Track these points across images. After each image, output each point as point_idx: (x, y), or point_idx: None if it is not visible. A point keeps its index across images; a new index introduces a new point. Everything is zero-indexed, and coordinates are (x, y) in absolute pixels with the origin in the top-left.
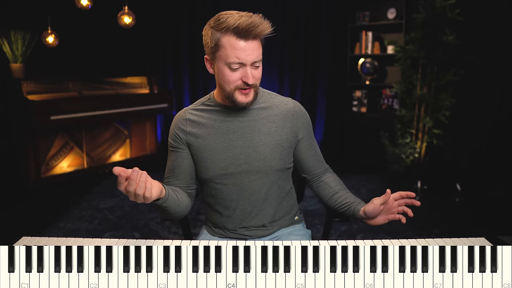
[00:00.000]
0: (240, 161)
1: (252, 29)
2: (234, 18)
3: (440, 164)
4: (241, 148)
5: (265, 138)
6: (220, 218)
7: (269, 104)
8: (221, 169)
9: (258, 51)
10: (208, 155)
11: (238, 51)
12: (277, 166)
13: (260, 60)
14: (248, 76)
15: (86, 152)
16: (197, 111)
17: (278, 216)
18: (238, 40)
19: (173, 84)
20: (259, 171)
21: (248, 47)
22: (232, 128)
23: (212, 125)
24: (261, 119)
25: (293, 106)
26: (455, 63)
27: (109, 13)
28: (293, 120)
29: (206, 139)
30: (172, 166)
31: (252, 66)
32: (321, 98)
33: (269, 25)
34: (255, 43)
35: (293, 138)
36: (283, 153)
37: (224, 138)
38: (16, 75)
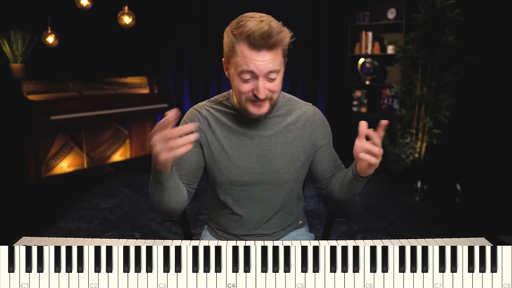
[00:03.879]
0: (255, 170)
1: (267, 39)
2: (251, 24)
3: (440, 164)
4: (257, 157)
5: (281, 149)
6: (226, 223)
7: (287, 111)
8: (235, 176)
9: (274, 62)
10: (223, 160)
11: (249, 61)
12: (291, 178)
13: (277, 71)
14: (259, 90)
15: (86, 152)
16: (214, 110)
17: (287, 224)
18: (250, 50)
19: (173, 84)
20: (273, 183)
21: (262, 58)
22: (249, 135)
23: (229, 128)
24: (278, 128)
25: (313, 114)
26: (455, 63)
27: (109, 13)
28: (311, 130)
29: (222, 142)
30: (178, 159)
31: (266, 78)
32: (321, 98)
33: (287, 34)
34: (271, 53)
35: (310, 150)
36: (298, 165)
37: (240, 144)
38: (16, 75)
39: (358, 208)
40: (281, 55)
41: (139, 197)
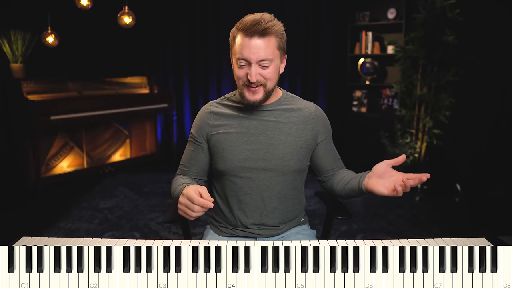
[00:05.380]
0: (259, 156)
1: (256, 26)
2: (248, 17)
3: (440, 164)
4: (261, 144)
5: (286, 137)
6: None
7: (291, 106)
8: (238, 161)
9: (266, 50)
10: (227, 146)
11: (243, 48)
12: (294, 166)
13: (270, 60)
14: (251, 74)
15: (86, 152)
16: (222, 105)
17: (289, 218)
18: (245, 37)
19: (173, 84)
20: (276, 169)
21: (254, 45)
22: (254, 125)
23: (234, 119)
24: (283, 119)
25: (315, 110)
26: (455, 63)
27: (109, 13)
28: (313, 124)
29: (228, 131)
30: (190, 157)
31: (258, 65)
32: (321, 98)
33: (277, 24)
34: (262, 41)
35: (312, 141)
36: (301, 154)
37: (245, 133)
38: (16, 75)
39: (358, 208)
40: (275, 46)
41: (139, 197)
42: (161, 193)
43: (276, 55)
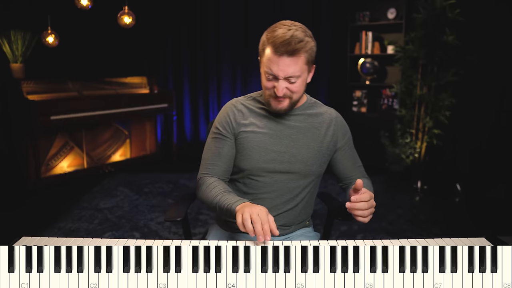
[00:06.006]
0: (284, 159)
1: (286, 46)
2: (278, 31)
3: (440, 164)
4: (286, 147)
5: (309, 142)
6: None
7: (314, 111)
8: (264, 162)
9: (294, 68)
10: (254, 146)
11: (272, 63)
12: (316, 171)
13: (298, 77)
14: (277, 89)
15: (86, 152)
16: (248, 104)
17: (298, 220)
18: (273, 54)
19: (173, 84)
20: (299, 172)
21: (282, 63)
22: (280, 127)
23: (261, 120)
24: (307, 124)
25: (336, 116)
26: (455, 63)
27: (109, 13)
28: (334, 130)
29: (255, 131)
30: (218, 153)
31: (286, 80)
32: (321, 98)
33: (308, 43)
34: (291, 59)
35: (332, 147)
36: (322, 160)
37: (272, 134)
38: (16, 75)
39: None
40: (304, 62)
41: (139, 197)
42: (161, 193)
43: (304, 70)
